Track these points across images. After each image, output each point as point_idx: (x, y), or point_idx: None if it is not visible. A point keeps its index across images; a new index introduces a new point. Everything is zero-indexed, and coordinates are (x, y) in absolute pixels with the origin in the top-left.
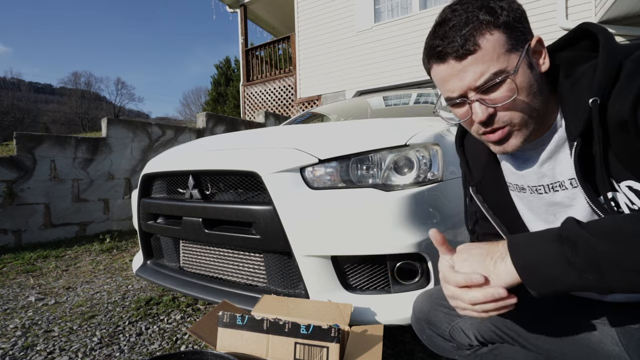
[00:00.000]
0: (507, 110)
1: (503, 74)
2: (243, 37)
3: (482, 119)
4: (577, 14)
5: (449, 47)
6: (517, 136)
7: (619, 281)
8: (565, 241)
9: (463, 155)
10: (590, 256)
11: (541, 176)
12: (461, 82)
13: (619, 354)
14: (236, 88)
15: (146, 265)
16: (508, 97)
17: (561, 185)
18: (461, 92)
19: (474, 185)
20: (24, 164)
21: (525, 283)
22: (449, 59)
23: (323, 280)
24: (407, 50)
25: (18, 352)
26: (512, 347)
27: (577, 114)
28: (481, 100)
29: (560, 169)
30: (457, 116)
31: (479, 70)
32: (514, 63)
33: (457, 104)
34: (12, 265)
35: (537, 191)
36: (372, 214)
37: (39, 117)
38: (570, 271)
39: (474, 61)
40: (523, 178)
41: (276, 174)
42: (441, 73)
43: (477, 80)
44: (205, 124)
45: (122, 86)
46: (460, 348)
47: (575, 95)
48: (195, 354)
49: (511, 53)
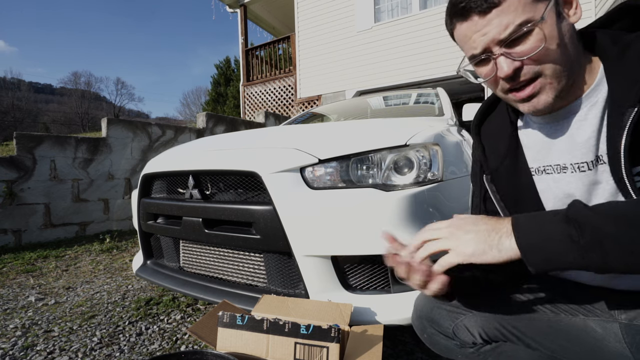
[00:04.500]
0: (536, 63)
1: (529, 23)
2: (243, 37)
3: (508, 73)
4: None
5: (473, 2)
6: (548, 91)
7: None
8: (571, 222)
9: (479, 142)
10: (595, 236)
11: (586, 151)
12: (484, 36)
13: (622, 352)
14: (236, 88)
15: (146, 265)
16: (536, 48)
17: (600, 159)
18: (484, 46)
19: (489, 174)
20: (24, 164)
21: (525, 259)
22: (472, 15)
23: (323, 280)
24: (407, 50)
25: (18, 352)
26: (516, 345)
27: (632, 81)
28: (506, 54)
29: (601, 142)
30: (480, 75)
31: (503, 22)
32: (541, 12)
33: (482, 61)
34: (12, 265)
35: (580, 169)
36: (372, 214)
37: (39, 117)
38: (572, 250)
39: (499, 13)
40: (561, 154)
41: (276, 174)
42: (465, 30)
43: (501, 33)
44: (205, 124)
45: (122, 86)
46: (463, 346)
47: (626, 63)
48: (195, 354)
49: (538, 2)
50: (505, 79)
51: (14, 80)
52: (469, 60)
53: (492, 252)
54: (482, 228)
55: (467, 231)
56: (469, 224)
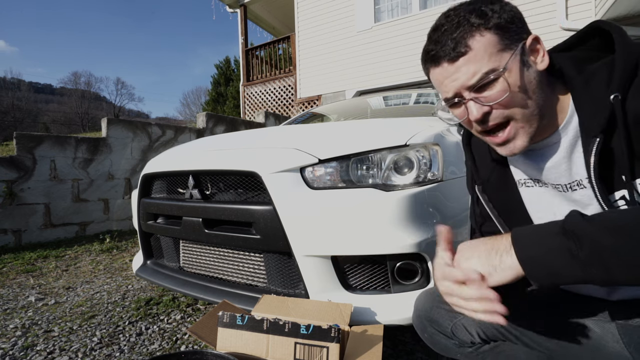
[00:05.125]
0: (504, 108)
1: (495, 72)
2: (243, 37)
3: (477, 117)
4: (577, 13)
5: (442, 50)
6: (522, 135)
7: (624, 275)
8: (569, 234)
9: (470, 153)
10: (594, 250)
11: (558, 175)
12: (455, 82)
13: (620, 352)
14: (236, 88)
15: (146, 265)
16: (502, 94)
17: (579, 184)
18: (455, 91)
19: (480, 184)
20: (24, 164)
21: (527, 275)
22: (442, 62)
23: (323, 280)
24: (407, 50)
25: (18, 352)
26: (514, 345)
27: (595, 111)
28: (475, 99)
29: (576, 168)
30: (455, 116)
31: (471, 70)
32: (505, 61)
33: (454, 104)
34: (12, 265)
35: (557, 189)
36: (372, 214)
37: (39, 117)
38: (574, 265)
39: (466, 62)
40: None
41: (276, 174)
42: (437, 76)
43: (469, 79)
44: (205, 124)
45: (122, 86)
46: (462, 346)
47: (591, 92)
48: (195, 354)
49: (504, 52)
50: (476, 122)
51: (14, 80)
52: (444, 102)
53: (497, 273)
54: (481, 249)
55: (468, 258)
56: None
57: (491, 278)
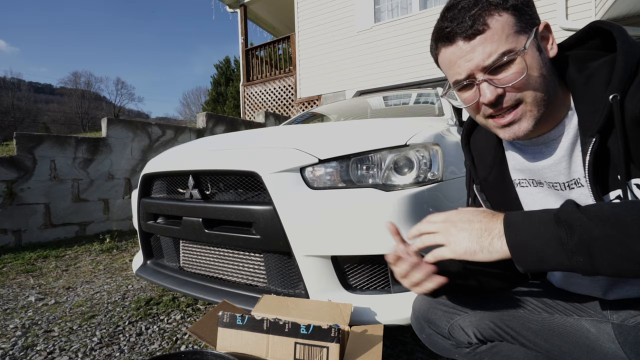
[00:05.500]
0: (517, 90)
1: (512, 53)
2: (243, 37)
3: (490, 99)
4: (577, 13)
5: (458, 27)
6: (529, 118)
7: (607, 266)
8: (562, 223)
9: (469, 153)
10: (583, 240)
11: (557, 173)
12: (469, 62)
13: (615, 351)
14: (236, 88)
15: (146, 265)
16: (518, 76)
17: (576, 182)
18: (469, 72)
19: (479, 184)
20: (24, 164)
21: (514, 260)
22: (457, 39)
23: (323, 280)
24: (407, 50)
25: (18, 352)
26: (511, 345)
27: (594, 110)
28: (489, 81)
29: (575, 166)
30: (463, 101)
31: (487, 50)
32: (522, 43)
33: (465, 87)
34: (12, 265)
35: (554, 187)
36: (372, 214)
37: (39, 117)
38: (561, 252)
39: (483, 41)
40: (539, 173)
41: (276, 174)
42: (449, 55)
43: (485, 60)
44: (205, 124)
45: (122, 86)
46: (460, 346)
47: (591, 91)
48: (195, 354)
49: (520, 34)
50: (487, 105)
51: (14, 80)
52: (452, 85)
53: (483, 253)
54: (475, 227)
55: (461, 229)
56: (463, 221)
57: (475, 255)
